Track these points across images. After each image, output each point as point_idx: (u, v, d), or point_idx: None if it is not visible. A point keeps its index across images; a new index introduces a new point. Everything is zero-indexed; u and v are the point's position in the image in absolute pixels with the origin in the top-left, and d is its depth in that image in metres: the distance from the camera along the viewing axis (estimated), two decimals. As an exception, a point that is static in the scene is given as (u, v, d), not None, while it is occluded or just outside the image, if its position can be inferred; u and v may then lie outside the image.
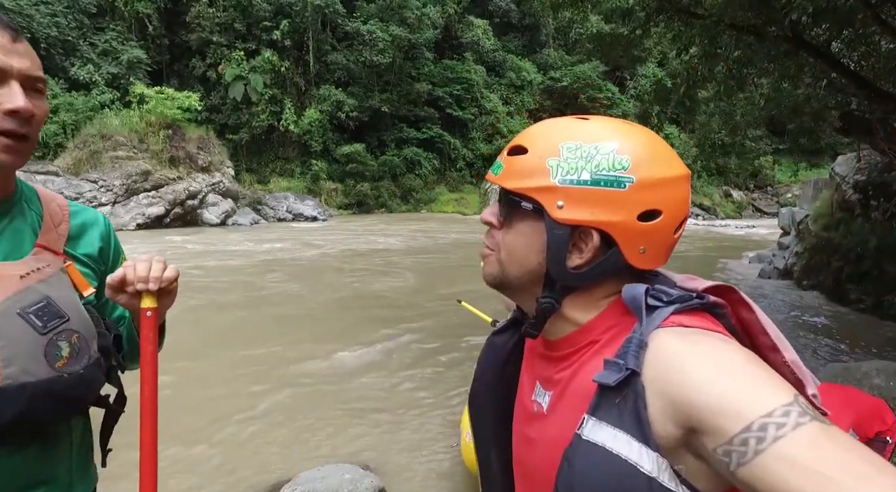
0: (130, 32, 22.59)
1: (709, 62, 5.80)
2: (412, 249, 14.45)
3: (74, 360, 0.83)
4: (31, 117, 0.78)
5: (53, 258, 0.87)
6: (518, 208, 0.65)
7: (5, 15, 0.80)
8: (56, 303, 0.82)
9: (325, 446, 3.65)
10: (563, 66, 33.77)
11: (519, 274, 0.67)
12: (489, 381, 0.82)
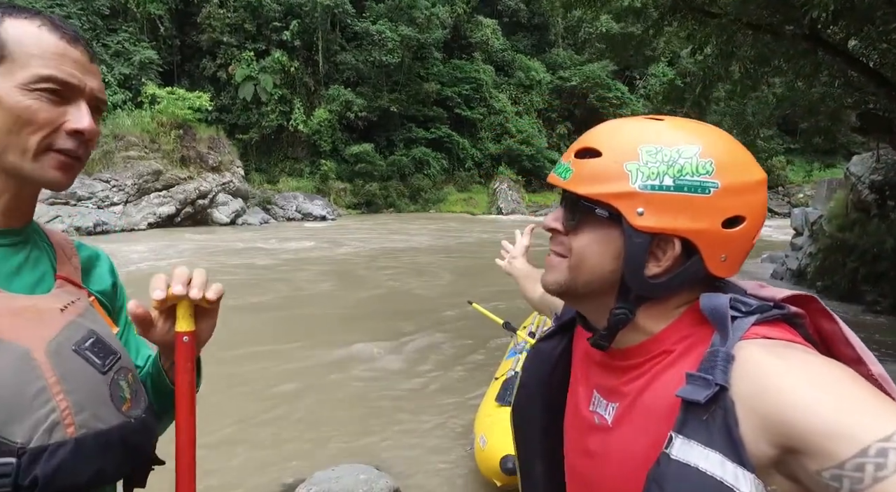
0: (142, 33, 22.76)
1: (724, 61, 5.74)
2: (438, 248, 14.52)
3: (135, 402, 0.74)
4: (90, 140, 0.74)
5: (78, 291, 0.77)
6: (591, 215, 0.62)
7: (80, 32, 0.76)
8: (102, 337, 0.73)
9: (340, 445, 3.65)
10: (573, 66, 33.64)
11: (589, 282, 0.64)
12: (536, 388, 0.80)
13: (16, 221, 0.75)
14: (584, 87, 31.85)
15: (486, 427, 2.98)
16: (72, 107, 0.72)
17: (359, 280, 9.81)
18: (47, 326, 0.67)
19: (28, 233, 0.78)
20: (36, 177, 0.71)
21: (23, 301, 0.68)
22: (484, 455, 2.80)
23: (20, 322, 0.65)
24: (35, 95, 0.69)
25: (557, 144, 32.59)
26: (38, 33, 0.70)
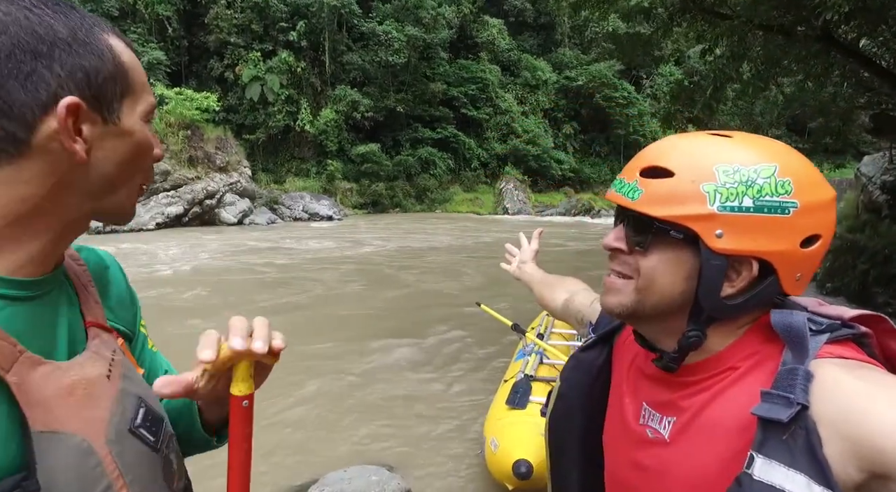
0: (151, 34, 22.90)
1: (735, 63, 5.71)
2: (459, 248, 14.55)
3: (179, 472, 0.70)
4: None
5: (109, 338, 0.68)
6: (664, 236, 0.60)
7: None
8: (148, 402, 0.66)
9: (352, 446, 3.66)
10: (579, 66, 33.58)
11: (658, 303, 0.63)
12: (577, 399, 0.79)
13: (52, 266, 0.63)
14: (591, 87, 31.80)
15: (496, 430, 2.98)
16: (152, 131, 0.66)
17: (384, 279, 9.84)
18: (100, 404, 0.60)
19: (60, 272, 0.66)
20: (127, 211, 0.65)
21: (72, 374, 0.59)
22: (496, 459, 2.80)
23: (74, 405, 0.57)
24: (148, 126, 0.64)
25: (564, 144, 32.55)
26: (130, 54, 0.63)
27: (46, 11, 0.56)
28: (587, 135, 33.57)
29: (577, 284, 1.12)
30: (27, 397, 0.53)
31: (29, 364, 0.54)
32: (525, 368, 3.63)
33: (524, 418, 2.97)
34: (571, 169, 31.44)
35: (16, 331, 0.55)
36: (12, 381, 0.52)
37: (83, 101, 0.56)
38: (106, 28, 0.62)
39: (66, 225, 0.61)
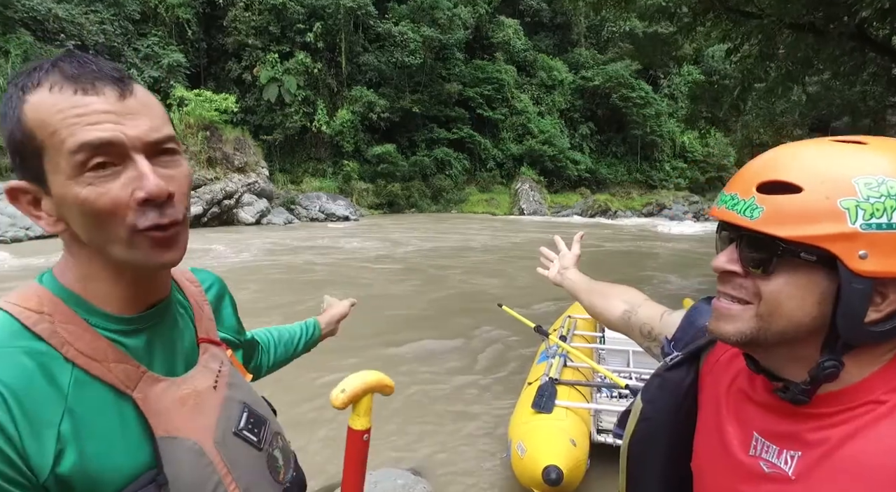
0: (171, 37, 23.21)
1: (764, 63, 5.58)
2: (495, 247, 14.54)
3: (287, 465, 0.78)
4: (170, 197, 0.61)
5: (219, 351, 0.78)
6: (792, 258, 0.55)
7: (108, 64, 0.62)
8: (251, 406, 0.76)
9: (377, 447, 3.64)
10: (595, 66, 33.37)
11: (783, 331, 0.57)
12: (662, 422, 0.73)
13: (158, 296, 0.70)
14: (607, 87, 31.59)
15: (522, 434, 2.94)
16: (129, 172, 0.59)
17: (431, 279, 9.85)
18: (208, 411, 0.70)
19: (169, 298, 0.73)
20: (142, 265, 0.63)
21: (184, 388, 0.69)
22: (523, 464, 2.75)
23: (187, 413, 0.68)
24: (87, 180, 0.58)
25: (580, 145, 32.37)
26: (53, 100, 0.57)
27: (8, 100, 0.60)
28: (603, 135, 33.34)
29: (635, 294, 1.07)
30: (150, 409, 0.64)
31: (150, 382, 0.66)
32: (549, 370, 3.59)
33: (551, 422, 2.93)
34: (588, 169, 31.25)
35: (137, 355, 0.66)
36: (137, 397, 0.64)
37: (25, 182, 0.61)
38: (37, 80, 0.58)
39: (121, 278, 0.65)
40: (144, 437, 0.63)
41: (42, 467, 0.56)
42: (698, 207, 31.69)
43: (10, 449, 0.55)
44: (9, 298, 0.62)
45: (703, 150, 34.21)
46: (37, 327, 0.60)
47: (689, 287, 9.64)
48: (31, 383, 0.57)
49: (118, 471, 0.60)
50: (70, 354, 0.60)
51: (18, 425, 0.55)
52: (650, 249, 16.22)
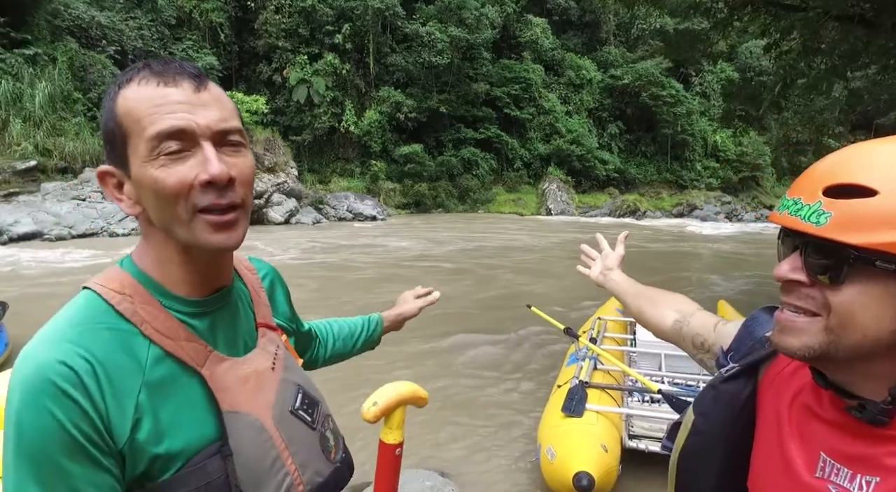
0: (204, 41, 23.76)
1: (808, 57, 5.36)
2: (538, 247, 14.54)
3: (338, 446, 0.83)
4: (231, 182, 0.67)
5: (275, 336, 0.83)
6: (867, 267, 0.51)
7: (189, 64, 0.70)
8: (305, 388, 0.81)
9: (404, 448, 3.64)
10: (625, 64, 32.87)
11: (857, 345, 0.53)
12: (717, 436, 0.69)
13: (222, 282, 0.76)
14: (637, 86, 31.05)
15: (552, 439, 2.90)
16: (197, 157, 0.65)
17: (482, 279, 9.89)
18: (267, 390, 0.75)
19: (232, 286, 0.79)
20: (201, 246, 0.68)
21: (246, 368, 0.74)
22: (553, 469, 2.71)
23: (248, 391, 0.73)
24: (160, 162, 0.64)
25: (608, 144, 31.93)
26: (139, 92, 0.65)
27: (109, 95, 0.69)
28: (633, 134, 32.80)
29: (686, 302, 1.02)
30: (216, 385, 0.70)
31: (216, 361, 0.71)
32: (579, 373, 3.54)
33: (582, 426, 2.89)
34: (616, 169, 30.79)
35: (203, 335, 0.72)
36: (206, 374, 0.69)
37: (112, 166, 0.69)
38: (129, 77, 0.67)
39: (185, 263, 0.71)
40: (211, 411, 0.68)
41: (121, 433, 0.62)
42: (730, 208, 30.90)
43: (97, 416, 0.61)
44: (96, 280, 0.70)
45: (736, 149, 33.31)
46: (120, 307, 0.67)
47: (732, 289, 9.40)
48: (117, 356, 0.64)
49: (187, 442, 0.66)
50: (148, 332, 0.67)
51: (105, 394, 0.62)
52: (686, 249, 15.90)
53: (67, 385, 0.60)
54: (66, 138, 16.91)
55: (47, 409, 0.59)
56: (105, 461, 0.61)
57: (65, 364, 0.60)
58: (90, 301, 0.67)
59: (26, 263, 10.36)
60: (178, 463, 0.65)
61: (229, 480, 0.66)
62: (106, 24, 19.67)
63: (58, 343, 0.62)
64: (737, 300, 7.67)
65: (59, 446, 0.59)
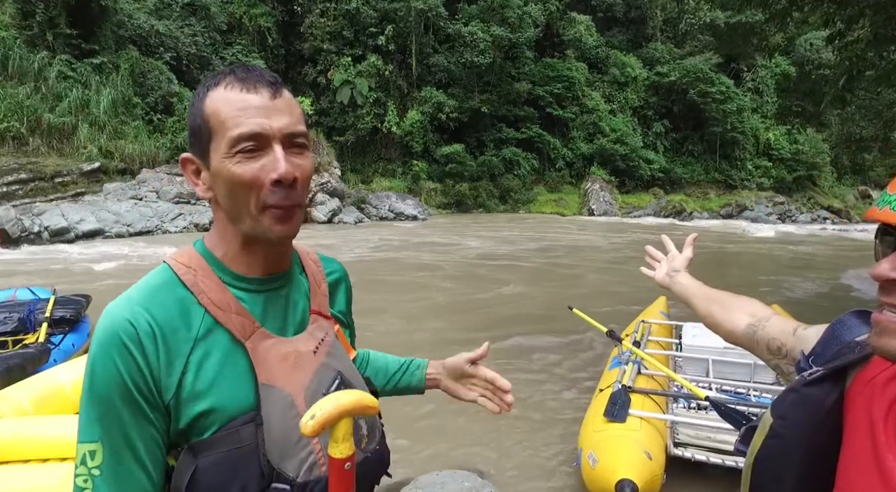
0: (253, 45, 24.51)
1: (879, 47, 4.98)
2: (608, 248, 14.47)
3: (372, 437, 0.84)
4: (295, 181, 0.75)
5: (327, 324, 0.87)
6: None
7: (268, 72, 0.79)
8: (345, 376, 0.83)
9: (442, 448, 3.67)
10: (672, 60, 31.90)
11: None
12: (798, 441, 0.67)
13: (278, 267, 0.83)
14: (684, 82, 30.04)
15: (594, 444, 2.86)
16: (268, 157, 0.74)
17: (563, 280, 9.95)
18: (304, 371, 0.79)
19: (289, 272, 0.86)
20: (263, 236, 0.77)
21: (288, 347, 0.79)
22: (595, 475, 2.68)
23: (286, 368, 0.78)
24: (237, 159, 0.74)
25: (653, 143, 31.08)
26: (226, 96, 0.75)
27: (198, 95, 0.78)
28: (679, 133, 31.80)
29: (760, 307, 1.00)
30: (257, 359, 0.75)
31: (261, 336, 0.77)
32: (621, 377, 3.47)
33: (625, 432, 2.84)
34: (661, 169, 29.91)
35: (255, 313, 0.79)
36: (249, 347, 0.76)
37: (192, 155, 0.79)
38: (218, 81, 0.77)
39: (247, 245, 0.80)
40: (250, 381, 0.74)
41: (168, 388, 0.71)
42: (784, 209, 29.54)
43: (148, 372, 0.70)
44: (171, 255, 0.81)
45: (790, 147, 31.78)
46: (184, 278, 0.77)
47: (786, 292, 9.02)
48: (174, 320, 0.73)
49: (225, 405, 0.72)
50: (203, 301, 0.75)
51: (159, 353, 0.71)
52: (735, 251, 15.32)
53: (129, 341, 0.70)
54: (126, 141, 17.81)
55: (112, 358, 0.69)
56: (151, 414, 0.71)
57: (130, 323, 0.70)
58: (163, 272, 0.78)
59: (98, 258, 11.04)
60: (215, 425, 0.71)
61: (259, 447, 0.71)
62: (164, 32, 20.63)
63: (129, 304, 0.72)
64: (791, 303, 7.35)
65: (117, 392, 0.69)
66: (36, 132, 16.07)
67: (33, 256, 11.38)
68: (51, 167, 15.88)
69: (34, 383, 2.97)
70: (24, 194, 15.14)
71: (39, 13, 16.94)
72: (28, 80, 16.42)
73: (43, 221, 13.61)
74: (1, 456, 2.47)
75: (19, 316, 4.01)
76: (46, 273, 9.29)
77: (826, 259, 13.98)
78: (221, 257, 0.80)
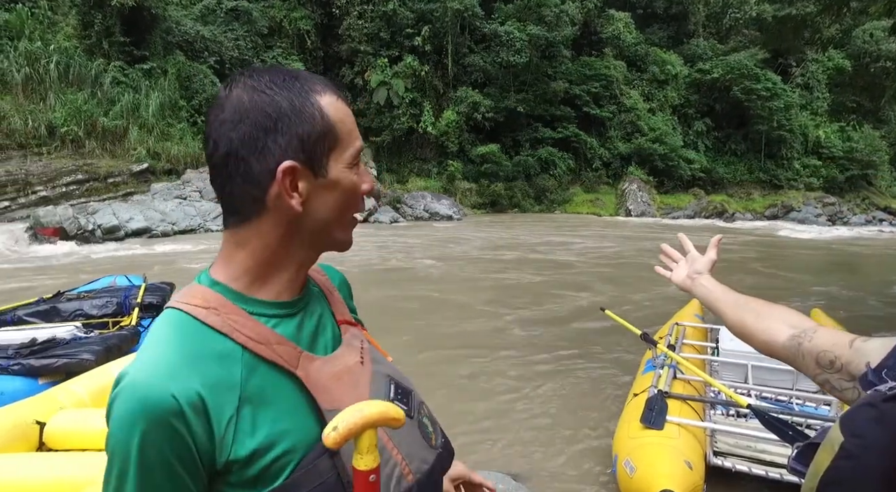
0: (293, 47, 25.08)
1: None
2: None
3: (436, 431, 0.83)
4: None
5: (357, 331, 0.84)
6: None
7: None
8: (396, 379, 0.81)
9: (474, 449, 3.70)
10: (714, 57, 30.94)
11: None
12: (874, 463, 0.61)
13: (305, 284, 0.80)
14: (727, 80, 29.05)
15: (630, 451, 2.82)
16: (361, 168, 0.76)
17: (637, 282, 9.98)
18: (362, 385, 0.76)
19: (309, 288, 0.82)
20: (343, 243, 0.78)
21: (337, 365, 0.75)
22: (633, 484, 2.63)
23: (344, 387, 0.73)
24: (353, 170, 0.75)
25: (694, 142, 30.23)
26: (342, 107, 0.74)
27: (275, 90, 0.69)
28: (721, 132, 30.80)
29: (800, 316, 0.93)
30: (313, 385, 0.70)
31: (308, 360, 0.72)
32: (657, 382, 3.41)
33: (663, 440, 2.79)
34: (702, 169, 29.03)
35: (291, 337, 0.73)
36: (301, 375, 0.70)
37: (297, 163, 0.69)
38: (320, 88, 0.72)
39: (301, 261, 0.77)
40: (312, 412, 0.69)
41: (222, 450, 0.63)
42: (834, 210, 28.16)
43: (195, 448, 0.62)
44: (178, 299, 0.70)
45: (843, 145, 30.24)
46: (208, 320, 0.68)
47: (831, 296, 8.68)
48: (215, 376, 0.64)
49: (293, 445, 0.66)
50: (240, 340, 0.67)
51: (211, 422, 0.63)
52: (782, 254, 14.79)
53: (173, 419, 0.61)
54: (172, 142, 18.56)
55: (153, 441, 0.60)
56: (194, 486, 0.63)
57: (173, 397, 0.61)
58: (179, 320, 0.68)
59: (152, 254, 11.58)
60: (288, 468, 0.65)
61: (340, 477, 0.66)
62: (208, 37, 21.42)
63: (160, 372, 0.62)
64: (836, 310, 7.06)
65: (160, 471, 0.61)
66: (91, 135, 17.01)
67: (112, 252, 12.31)
68: (104, 168, 16.73)
69: (92, 376, 3.16)
70: (81, 194, 16.01)
71: (97, 23, 17.98)
72: (86, 86, 17.45)
73: (96, 219, 14.30)
74: (61, 444, 2.65)
75: (118, 300, 4.37)
76: (130, 266, 9.89)
77: (881, 263, 13.33)
78: (243, 288, 0.72)
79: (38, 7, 18.26)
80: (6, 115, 15.65)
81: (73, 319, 4.15)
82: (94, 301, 4.34)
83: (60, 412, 2.76)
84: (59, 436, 2.65)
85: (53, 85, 16.88)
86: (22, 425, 2.65)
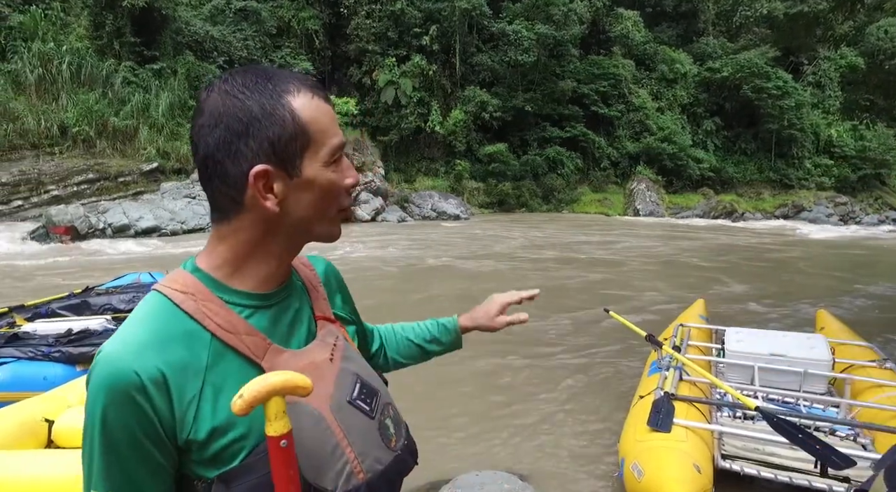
0: (301, 47, 25.15)
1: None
2: (692, 249, 14.36)
3: (398, 434, 0.84)
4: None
5: (334, 328, 0.86)
6: None
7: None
8: (363, 378, 0.82)
9: (481, 448, 3.69)
10: (724, 55, 30.70)
11: None
12: None
13: (288, 274, 0.82)
14: (737, 78, 28.78)
15: (637, 454, 2.79)
16: (342, 164, 0.78)
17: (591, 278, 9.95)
18: (325, 381, 0.77)
19: (291, 281, 0.84)
20: (328, 237, 0.80)
21: (304, 359, 0.77)
22: (642, 489, 2.59)
23: None
24: (332, 168, 0.76)
25: (703, 142, 30.01)
26: (317, 105, 0.74)
27: (246, 94, 0.71)
28: (731, 131, 30.55)
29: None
30: None
31: (275, 353, 0.75)
32: (663, 384, 3.39)
33: (671, 443, 2.77)
34: (712, 168, 28.82)
35: (264, 329, 0.76)
36: (265, 366, 0.73)
37: (270, 166, 0.71)
38: (294, 88, 0.73)
39: (280, 256, 0.79)
40: None
41: (183, 427, 0.68)
42: (846, 209, 27.85)
43: (158, 422, 0.67)
44: (162, 282, 0.76)
45: (856, 144, 29.90)
46: (183, 305, 0.72)
47: (873, 299, 8.55)
48: (180, 357, 0.69)
49: (251, 430, 0.70)
50: (210, 327, 0.71)
51: (172, 399, 0.67)
52: (792, 254, 14.62)
53: (136, 393, 0.65)
54: (181, 142, 18.67)
55: (117, 411, 0.65)
56: (161, 457, 0.68)
57: (136, 373, 0.65)
58: (158, 303, 0.72)
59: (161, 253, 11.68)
60: (244, 451, 0.69)
61: None
62: (217, 37, 21.55)
63: (129, 349, 0.67)
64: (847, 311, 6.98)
65: (125, 443, 0.66)
66: (102, 135, 17.18)
67: (125, 251, 12.46)
68: (115, 168, 16.89)
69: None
70: (92, 193, 16.18)
71: (109, 23, 18.18)
72: (97, 86, 17.63)
73: (107, 218, 14.44)
74: (69, 442, 2.68)
75: (143, 295, 4.52)
76: (143, 263, 9.96)
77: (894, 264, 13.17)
78: (223, 278, 0.75)
79: (52, 8, 18.47)
80: (20, 115, 15.84)
81: (103, 312, 4.37)
82: (121, 296, 4.55)
83: (68, 410, 2.80)
84: (67, 433, 2.69)
85: (65, 85, 17.07)
86: (31, 423, 2.71)
